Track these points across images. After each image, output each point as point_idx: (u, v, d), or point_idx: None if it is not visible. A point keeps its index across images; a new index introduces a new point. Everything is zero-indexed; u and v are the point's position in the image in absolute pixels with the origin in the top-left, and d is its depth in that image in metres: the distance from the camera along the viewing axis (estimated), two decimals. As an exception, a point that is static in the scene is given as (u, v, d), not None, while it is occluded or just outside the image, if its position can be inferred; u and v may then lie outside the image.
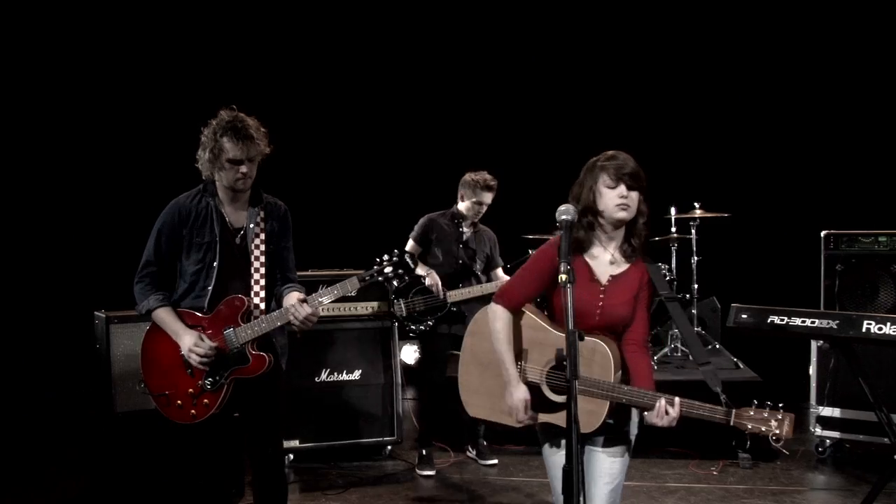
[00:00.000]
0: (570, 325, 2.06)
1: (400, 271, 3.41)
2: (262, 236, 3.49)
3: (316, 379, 5.50)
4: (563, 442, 2.73)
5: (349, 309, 5.53)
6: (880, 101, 7.23)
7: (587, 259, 2.93)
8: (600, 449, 2.91)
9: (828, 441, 5.58)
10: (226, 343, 3.37)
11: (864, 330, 3.61)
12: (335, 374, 5.56)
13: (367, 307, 5.53)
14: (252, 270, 3.46)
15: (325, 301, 3.40)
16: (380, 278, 3.43)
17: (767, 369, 5.91)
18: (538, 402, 2.90)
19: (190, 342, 3.33)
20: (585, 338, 2.74)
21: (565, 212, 2.62)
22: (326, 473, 5.36)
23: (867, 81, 7.35)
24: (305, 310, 3.34)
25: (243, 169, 3.35)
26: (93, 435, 5.20)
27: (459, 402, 3.14)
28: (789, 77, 7.70)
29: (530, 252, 6.40)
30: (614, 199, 2.84)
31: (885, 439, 5.17)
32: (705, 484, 5.03)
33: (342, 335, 5.55)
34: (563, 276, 2.34)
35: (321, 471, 5.39)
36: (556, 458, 2.95)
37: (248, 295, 3.44)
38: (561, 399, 2.85)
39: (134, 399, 4.76)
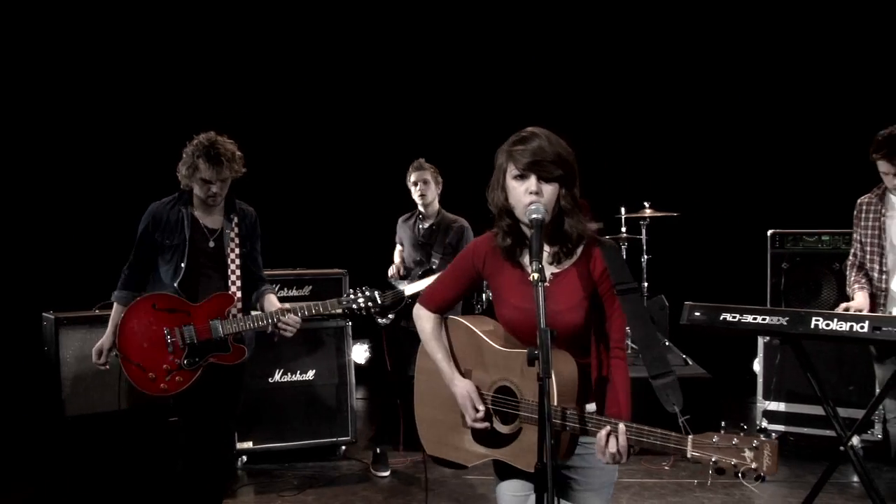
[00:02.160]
0: (542, 324, 2.04)
1: (370, 304, 3.91)
2: (237, 240, 3.88)
3: (269, 380, 5.46)
4: (517, 482, 2.47)
5: (308, 311, 5.48)
6: (824, 104, 7.41)
7: (522, 262, 2.45)
8: (578, 491, 2.44)
9: (774, 434, 5.72)
10: (210, 332, 3.72)
11: (812, 326, 3.69)
12: (289, 374, 5.52)
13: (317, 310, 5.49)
14: (229, 272, 3.84)
15: (305, 314, 3.85)
16: (353, 306, 3.90)
17: (713, 366, 6.04)
18: (484, 433, 2.48)
19: (104, 343, 3.78)
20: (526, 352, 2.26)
21: (535, 210, 2.24)
22: (281, 475, 5.31)
23: (812, 85, 7.53)
24: (295, 319, 3.81)
25: (214, 189, 3.74)
26: (41, 441, 5.08)
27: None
28: (736, 80, 7.85)
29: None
30: (522, 196, 2.29)
31: (828, 432, 5.38)
32: (658, 479, 5.12)
33: (296, 335, 5.47)
34: (534, 276, 2.08)
35: (276, 472, 5.35)
36: (505, 500, 2.54)
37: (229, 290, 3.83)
38: (508, 429, 2.42)
39: (84, 403, 4.68)
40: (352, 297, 3.93)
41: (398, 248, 5.67)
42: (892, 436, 4.36)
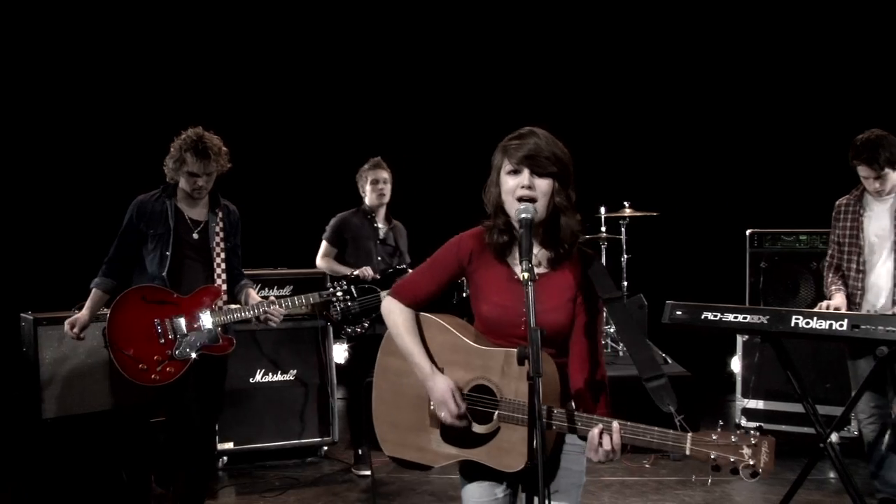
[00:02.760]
0: (532, 323, 2.05)
1: (347, 298, 4.35)
2: (222, 234, 4.02)
3: (250, 380, 5.44)
4: (487, 483, 2.43)
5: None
6: (802, 106, 7.50)
7: (509, 261, 2.43)
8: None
9: (751, 432, 5.76)
10: (200, 323, 3.87)
11: (793, 324, 3.74)
12: (269, 374, 5.50)
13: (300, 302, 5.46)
14: (215, 265, 3.98)
15: (289, 305, 4.05)
16: (332, 299, 4.31)
17: (691, 365, 6.09)
18: (456, 433, 2.41)
19: (80, 318, 3.93)
20: (505, 351, 2.34)
21: (524, 210, 2.22)
22: (262, 475, 5.29)
23: (790, 88, 7.62)
24: (279, 311, 3.98)
25: (200, 182, 3.90)
26: (19, 443, 5.02)
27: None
28: (716, 82, 7.92)
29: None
30: (514, 191, 2.28)
31: (806, 429, 5.46)
32: (639, 477, 5.15)
33: (276, 335, 5.48)
34: (524, 275, 2.06)
35: (257, 473, 5.33)
36: (474, 501, 2.47)
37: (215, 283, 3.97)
38: (484, 429, 2.37)
39: (63, 404, 4.63)
40: (331, 290, 4.35)
41: (325, 245, 5.48)
42: (866, 435, 4.42)
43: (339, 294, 4.35)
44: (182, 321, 3.85)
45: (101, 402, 4.79)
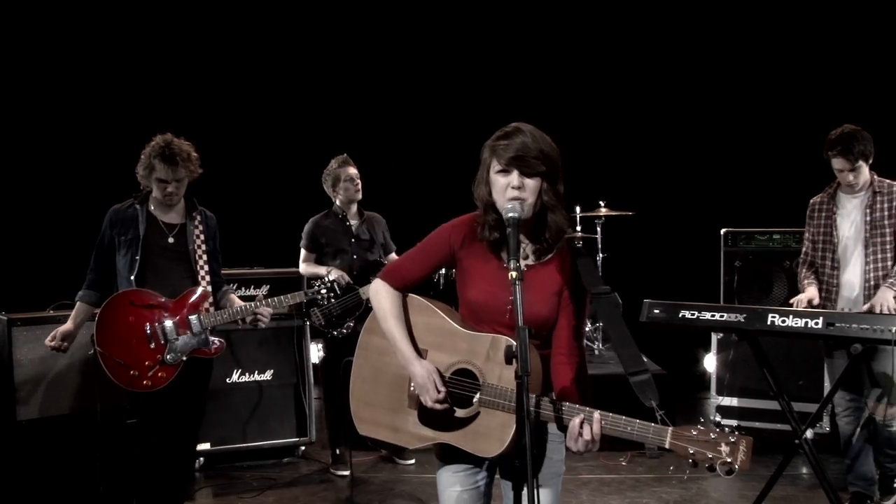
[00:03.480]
0: (520, 322, 2.06)
1: (331, 295, 4.53)
2: (203, 237, 4.04)
3: (227, 380, 5.41)
4: (463, 467, 2.46)
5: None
6: (776, 107, 7.58)
7: (501, 253, 2.45)
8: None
9: (726, 429, 5.82)
10: (190, 327, 3.86)
11: (769, 322, 3.80)
12: (246, 374, 5.47)
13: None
14: (198, 268, 3.99)
15: (276, 304, 4.12)
16: (317, 297, 4.51)
17: (665, 363, 6.17)
18: (434, 415, 2.42)
19: (62, 329, 3.93)
20: (492, 337, 2.37)
21: (511, 210, 2.25)
22: (240, 476, 5.27)
23: (765, 88, 7.70)
24: (268, 310, 4.06)
25: (170, 188, 3.91)
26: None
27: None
28: (691, 82, 7.97)
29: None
30: (504, 191, 2.31)
31: (779, 425, 5.54)
32: (616, 474, 5.19)
33: (254, 335, 5.45)
34: (513, 274, 2.09)
35: (234, 474, 5.30)
36: (451, 489, 2.49)
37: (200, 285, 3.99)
38: (464, 413, 2.38)
39: (38, 406, 4.57)
40: (316, 286, 4.49)
41: (304, 253, 5.47)
42: (841, 430, 4.50)
43: (322, 291, 4.46)
44: (171, 324, 3.84)
45: (77, 404, 4.74)
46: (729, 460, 2.05)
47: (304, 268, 5.48)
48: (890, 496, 4.61)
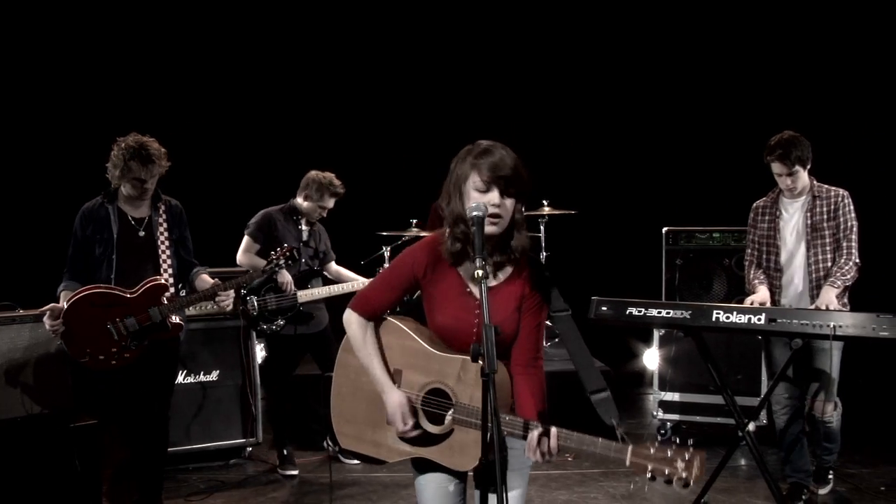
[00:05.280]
0: (486, 320, 2.09)
1: (290, 262, 4.56)
2: (165, 225, 4.20)
3: (173, 382, 5.30)
4: (440, 475, 2.53)
5: (203, 307, 5.32)
6: (715, 109, 7.77)
7: (459, 271, 2.50)
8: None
9: (668, 423, 5.98)
10: (150, 318, 4.02)
11: (714, 319, 3.92)
12: (192, 375, 5.40)
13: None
14: (162, 259, 4.17)
15: (235, 285, 4.30)
16: (275, 267, 4.53)
17: (608, 361, 6.29)
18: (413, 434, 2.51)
19: (46, 319, 3.96)
20: (462, 359, 2.43)
21: (476, 208, 2.28)
22: (185, 479, 5.19)
23: (704, 91, 7.88)
24: (229, 293, 4.21)
25: (146, 186, 4.09)
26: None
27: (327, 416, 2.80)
28: (632, 83, 8.13)
29: (384, 249, 6.46)
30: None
31: (719, 419, 5.70)
32: (563, 470, 5.27)
33: (198, 335, 5.36)
34: (479, 272, 2.14)
35: (180, 476, 5.21)
36: (428, 492, 2.57)
37: (162, 276, 4.12)
38: (438, 430, 2.47)
39: (1, 407, 4.43)
40: (272, 257, 4.53)
41: (248, 240, 5.33)
42: (779, 423, 4.65)
43: (281, 262, 4.50)
44: (133, 320, 4.01)
45: (16, 408, 4.59)
46: (685, 475, 2.14)
47: (243, 258, 5.31)
48: (826, 485, 4.80)
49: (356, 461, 5.42)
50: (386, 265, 7.09)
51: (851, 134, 7.28)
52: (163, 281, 4.10)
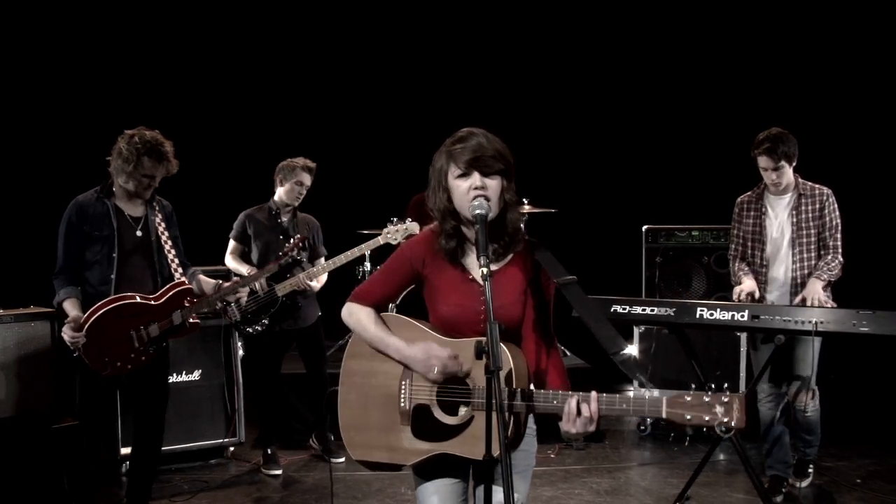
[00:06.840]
0: (491, 318, 2.09)
1: (302, 255, 4.94)
2: (164, 225, 4.13)
3: (154, 382, 5.27)
4: (444, 480, 2.47)
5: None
6: (696, 108, 7.85)
7: (462, 260, 2.48)
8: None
9: (648, 419, 6.04)
10: (172, 322, 4.00)
11: (697, 316, 3.99)
12: (174, 375, 5.34)
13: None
14: (170, 259, 4.09)
15: (251, 283, 4.62)
16: (290, 261, 4.90)
17: (586, 356, 6.34)
18: (428, 428, 2.42)
19: (68, 331, 3.86)
20: (475, 340, 2.30)
21: (478, 206, 2.27)
22: (169, 479, 5.14)
23: (684, 90, 7.96)
24: (245, 290, 4.38)
25: (153, 183, 4.02)
26: None
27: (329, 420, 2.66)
28: (613, 81, 8.19)
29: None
30: (467, 193, 2.33)
31: (699, 415, 5.73)
32: (546, 467, 5.30)
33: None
34: (483, 270, 2.15)
35: (163, 477, 5.15)
36: (435, 499, 2.48)
37: (172, 278, 4.07)
38: (454, 421, 2.39)
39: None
40: (287, 248, 4.86)
41: (232, 244, 5.38)
42: (762, 416, 4.71)
43: (293, 253, 4.85)
44: (156, 326, 3.99)
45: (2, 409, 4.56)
46: (725, 419, 2.09)
47: (230, 260, 5.37)
48: (805, 478, 4.88)
49: (341, 460, 5.44)
50: (367, 263, 7.11)
51: (831, 133, 7.37)
52: (187, 284, 4.06)
